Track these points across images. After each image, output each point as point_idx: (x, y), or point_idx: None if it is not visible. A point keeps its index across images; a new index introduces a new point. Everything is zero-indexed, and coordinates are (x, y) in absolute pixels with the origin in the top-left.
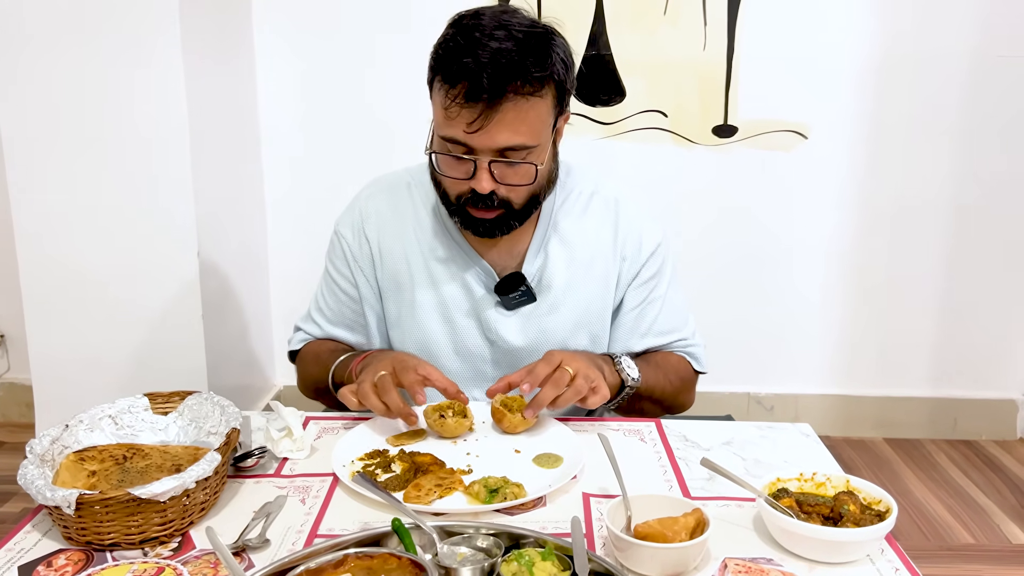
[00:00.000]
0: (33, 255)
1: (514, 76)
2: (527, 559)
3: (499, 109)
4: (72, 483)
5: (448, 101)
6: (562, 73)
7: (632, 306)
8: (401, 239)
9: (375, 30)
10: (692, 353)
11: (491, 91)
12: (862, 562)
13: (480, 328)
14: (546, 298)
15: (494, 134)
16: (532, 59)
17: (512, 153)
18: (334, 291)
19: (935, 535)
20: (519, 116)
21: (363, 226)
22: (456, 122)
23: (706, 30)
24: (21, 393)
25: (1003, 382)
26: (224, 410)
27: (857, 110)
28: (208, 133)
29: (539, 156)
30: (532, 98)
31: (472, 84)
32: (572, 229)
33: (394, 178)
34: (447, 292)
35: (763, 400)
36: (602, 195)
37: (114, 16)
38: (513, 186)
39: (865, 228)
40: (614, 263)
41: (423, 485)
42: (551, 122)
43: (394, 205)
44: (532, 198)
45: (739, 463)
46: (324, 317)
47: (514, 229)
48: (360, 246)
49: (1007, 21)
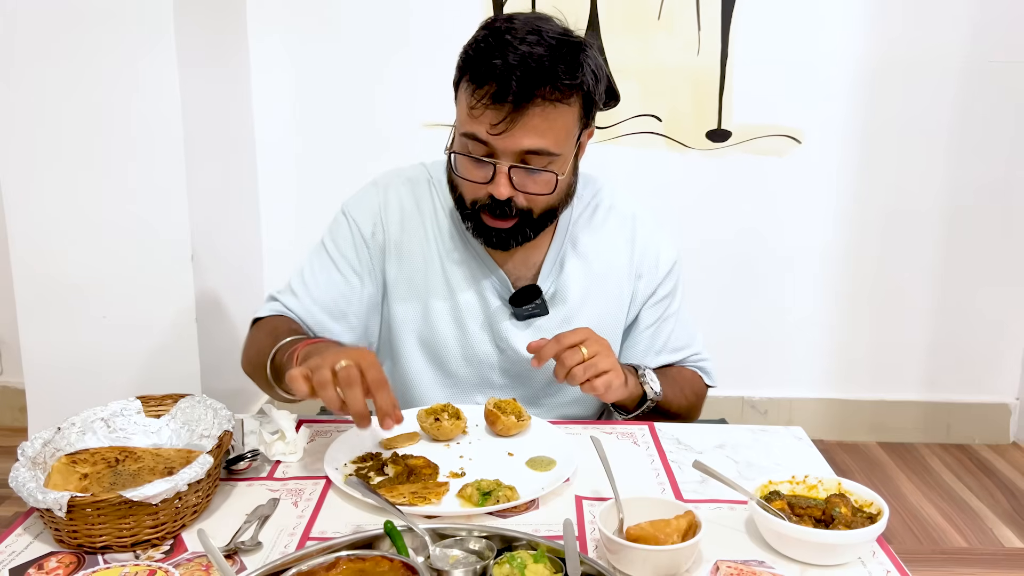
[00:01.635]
0: (26, 259)
1: (543, 80)
2: (519, 561)
3: (525, 112)
4: (64, 486)
5: (474, 101)
6: (591, 85)
7: (648, 324)
8: (421, 237)
9: (370, 35)
10: (704, 368)
11: (519, 93)
12: (854, 564)
13: (492, 337)
14: (559, 311)
15: (518, 137)
16: (563, 66)
17: (534, 159)
18: (327, 269)
19: (928, 539)
20: (544, 121)
21: (383, 215)
22: (480, 121)
23: (700, 35)
24: (14, 397)
25: (996, 386)
26: (217, 413)
27: (851, 115)
28: (202, 138)
29: (561, 166)
30: (559, 105)
31: (500, 85)
32: (589, 243)
33: (414, 172)
34: (462, 299)
35: (757, 404)
36: (619, 210)
37: (108, 21)
38: (532, 195)
39: (858, 232)
40: (629, 280)
41: (400, 490)
42: (576, 133)
43: (416, 200)
44: (549, 211)
45: (731, 466)
46: (308, 293)
47: (528, 241)
48: (374, 235)
49: (999, 26)
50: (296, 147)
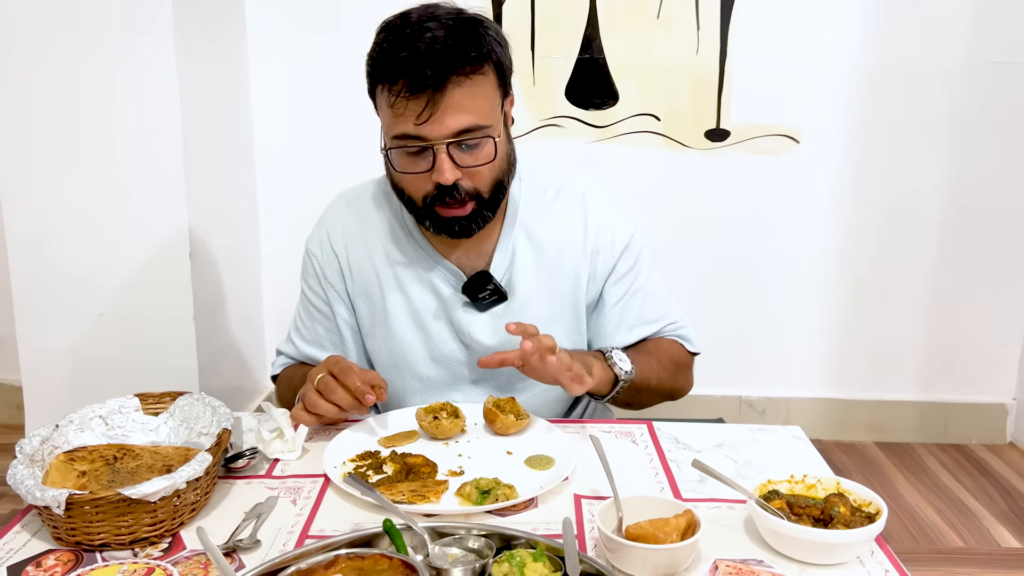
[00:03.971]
0: (24, 256)
1: (453, 60)
2: (518, 560)
3: (445, 94)
4: (62, 483)
5: (393, 98)
6: (499, 53)
7: (614, 301)
8: (367, 250)
9: (369, 32)
10: (683, 335)
11: (434, 79)
12: (852, 564)
13: (453, 331)
14: (516, 296)
15: (445, 120)
16: (467, 41)
17: (466, 135)
18: (308, 310)
19: (925, 538)
20: (466, 98)
21: (330, 241)
22: (405, 116)
23: (699, 34)
24: (10, 394)
25: (993, 386)
26: (215, 411)
27: (849, 114)
28: (201, 135)
29: (494, 134)
30: (475, 77)
31: (413, 76)
32: (539, 225)
33: (360, 190)
34: (415, 297)
35: (755, 403)
36: (569, 190)
37: (107, 18)
38: (476, 168)
39: (856, 232)
40: (585, 258)
41: (399, 488)
42: (499, 102)
43: (359, 217)
44: (497, 185)
45: (730, 465)
46: (301, 337)
47: (487, 222)
48: (328, 262)
49: (998, 27)
50: (294, 145)
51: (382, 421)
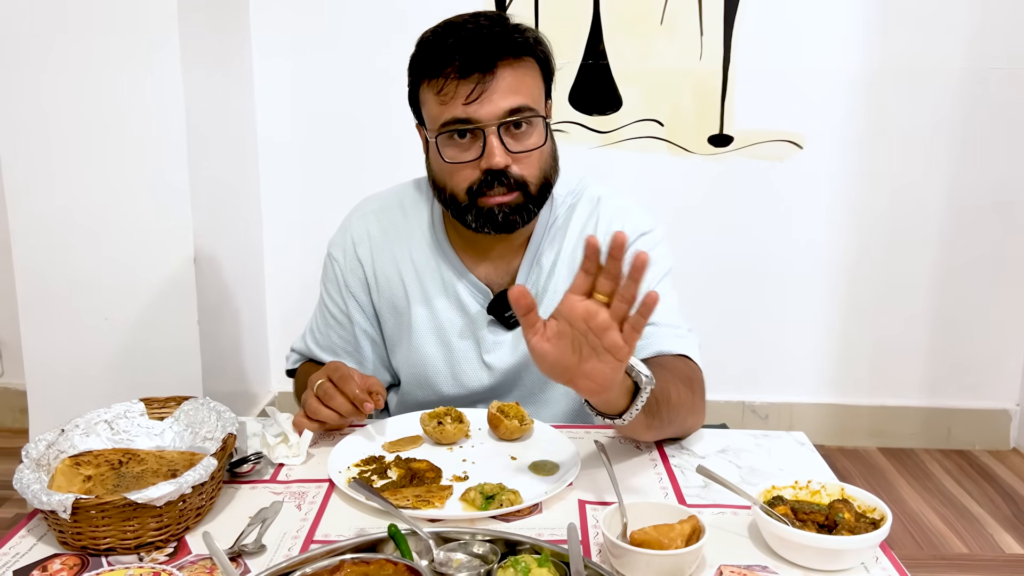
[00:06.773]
0: (28, 260)
1: (501, 43)
2: (523, 565)
3: (495, 76)
4: (68, 488)
5: (441, 82)
6: (543, 50)
7: None
8: (394, 260)
9: (374, 35)
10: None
11: (484, 60)
12: (857, 570)
13: (477, 351)
14: (544, 311)
15: (496, 99)
16: (513, 31)
17: (517, 115)
18: (325, 316)
19: (928, 544)
20: (515, 80)
21: (355, 249)
22: (455, 102)
23: (702, 40)
24: (15, 398)
25: (996, 392)
26: (220, 415)
27: (852, 120)
28: (205, 138)
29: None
30: (523, 61)
31: (464, 58)
32: (560, 238)
33: (385, 198)
34: (441, 312)
35: (758, 409)
36: (585, 196)
37: (112, 21)
38: (525, 153)
39: (859, 238)
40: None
41: (403, 493)
42: (543, 95)
43: (386, 226)
44: (544, 183)
45: (734, 471)
46: (315, 341)
47: (532, 217)
48: (352, 270)
49: (1000, 33)
50: (299, 148)
51: (386, 426)
